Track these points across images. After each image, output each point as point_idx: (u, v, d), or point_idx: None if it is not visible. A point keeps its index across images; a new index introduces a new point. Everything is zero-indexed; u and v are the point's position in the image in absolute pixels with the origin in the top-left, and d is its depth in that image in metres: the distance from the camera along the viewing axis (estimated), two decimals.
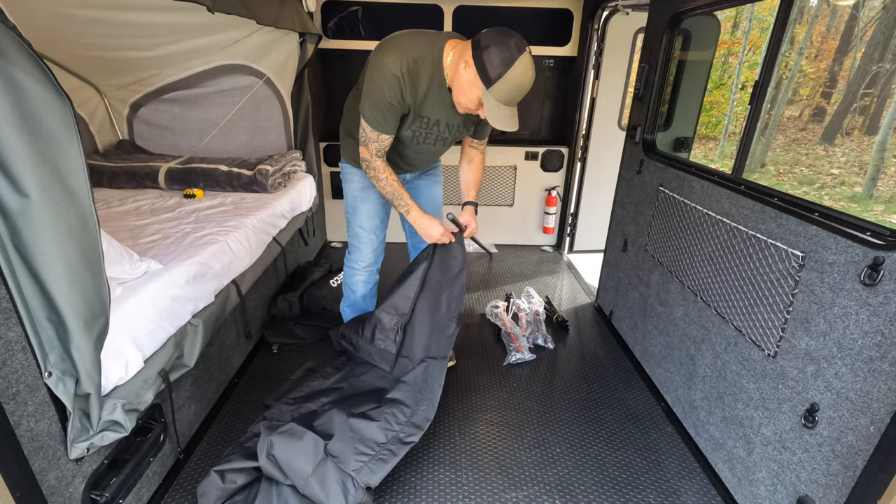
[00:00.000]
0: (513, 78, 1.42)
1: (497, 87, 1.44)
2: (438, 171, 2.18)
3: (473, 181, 1.98)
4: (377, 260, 2.15)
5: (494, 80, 1.42)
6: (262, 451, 1.54)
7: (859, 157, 9.85)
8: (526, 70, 1.43)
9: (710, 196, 1.81)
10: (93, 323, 1.12)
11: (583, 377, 2.35)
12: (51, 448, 1.13)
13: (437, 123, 1.75)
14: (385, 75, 1.56)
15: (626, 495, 1.69)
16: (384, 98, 1.59)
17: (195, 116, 3.21)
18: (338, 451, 1.60)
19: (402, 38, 1.62)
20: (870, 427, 1.13)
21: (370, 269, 2.15)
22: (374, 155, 1.73)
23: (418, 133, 1.77)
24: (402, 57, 1.55)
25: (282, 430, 1.60)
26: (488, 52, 1.41)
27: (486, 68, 1.42)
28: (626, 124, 3.11)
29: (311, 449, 1.55)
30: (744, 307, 1.60)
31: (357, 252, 2.10)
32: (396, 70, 1.55)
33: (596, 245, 3.85)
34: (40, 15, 1.97)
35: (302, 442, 1.56)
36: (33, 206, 0.94)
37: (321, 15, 3.41)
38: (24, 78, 0.89)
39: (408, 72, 1.56)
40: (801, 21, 11.42)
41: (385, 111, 1.62)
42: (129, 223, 2.19)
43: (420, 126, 1.74)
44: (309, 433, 1.59)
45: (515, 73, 1.41)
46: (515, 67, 1.41)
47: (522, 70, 1.42)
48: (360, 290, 2.19)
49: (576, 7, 3.46)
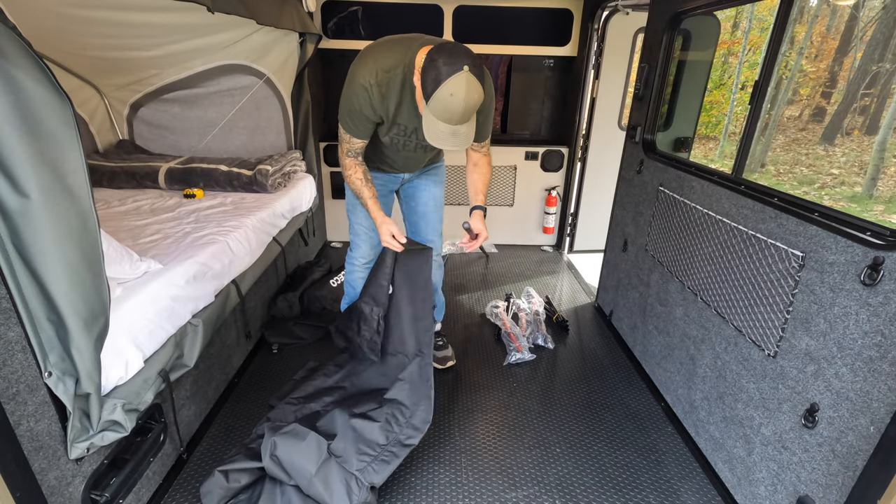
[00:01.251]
0: (441, 96, 1.39)
1: (431, 102, 1.43)
2: (440, 171, 2.19)
3: (481, 185, 1.97)
4: (377, 256, 2.17)
5: (428, 95, 1.42)
6: (265, 452, 1.55)
7: (859, 157, 9.85)
8: (457, 89, 1.37)
9: (710, 196, 1.81)
10: (93, 323, 1.12)
11: (583, 377, 2.35)
12: (51, 448, 1.13)
13: (414, 131, 1.77)
14: (354, 86, 1.62)
15: (626, 495, 1.69)
16: (354, 107, 1.65)
17: (195, 116, 3.22)
18: (341, 450, 1.60)
19: (378, 47, 1.64)
20: (870, 427, 1.13)
21: (370, 266, 2.18)
22: (345, 154, 1.80)
23: (397, 140, 1.82)
24: (373, 68, 1.59)
25: (285, 430, 1.60)
26: (429, 66, 1.41)
27: (424, 82, 1.42)
28: (626, 124, 3.11)
29: (314, 449, 1.56)
30: (744, 307, 1.60)
31: (357, 248, 2.16)
32: (365, 82, 1.59)
33: (596, 245, 3.85)
34: (40, 15, 1.97)
35: (305, 442, 1.56)
36: (33, 206, 0.94)
37: (321, 15, 3.41)
38: (24, 78, 0.89)
39: (376, 83, 1.59)
40: (801, 21, 11.42)
41: (355, 118, 1.68)
42: (129, 223, 2.19)
43: (398, 133, 1.78)
44: (312, 434, 1.60)
45: (444, 92, 1.38)
46: (447, 86, 1.37)
47: (452, 89, 1.38)
48: (360, 286, 2.21)
49: (576, 7, 3.46)
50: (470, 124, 1.52)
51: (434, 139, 1.50)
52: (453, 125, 1.46)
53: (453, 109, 1.41)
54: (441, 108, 1.42)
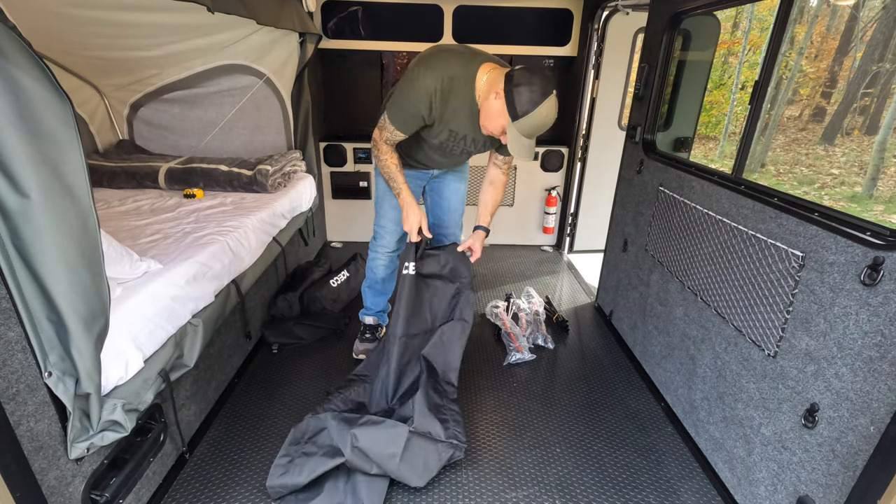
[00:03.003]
0: (537, 117, 1.55)
1: (522, 121, 1.56)
2: (465, 168, 2.33)
3: (492, 204, 2.11)
4: (400, 247, 2.31)
5: (521, 115, 1.55)
6: (346, 445, 1.59)
7: (859, 157, 9.84)
8: (549, 111, 1.55)
9: (710, 196, 1.81)
10: (93, 323, 1.12)
11: (583, 377, 2.35)
12: (51, 448, 1.13)
13: (464, 138, 1.89)
14: (418, 88, 1.70)
15: (626, 495, 1.69)
16: (410, 105, 1.74)
17: (195, 116, 3.21)
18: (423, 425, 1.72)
19: (441, 54, 1.74)
20: (870, 427, 1.13)
21: (391, 255, 2.33)
22: (383, 141, 1.87)
23: (447, 143, 1.92)
24: (439, 74, 1.68)
25: (361, 421, 1.68)
26: (519, 89, 1.53)
27: (514, 103, 1.55)
28: (626, 124, 3.11)
29: (398, 432, 1.64)
30: (744, 307, 1.60)
31: (381, 238, 2.29)
32: (431, 87, 1.69)
33: (596, 245, 3.85)
34: (40, 15, 1.97)
35: (384, 427, 1.65)
36: (33, 206, 0.94)
37: (321, 15, 3.41)
38: (24, 78, 0.89)
39: (441, 88, 1.69)
40: (801, 21, 11.42)
41: (408, 116, 1.77)
42: (129, 223, 2.19)
43: (449, 138, 1.89)
44: (388, 420, 1.69)
45: (540, 113, 1.54)
46: (541, 108, 1.53)
47: (546, 111, 1.55)
48: (381, 272, 2.36)
49: (576, 7, 3.46)
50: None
51: (517, 151, 1.63)
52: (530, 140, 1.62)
53: (541, 126, 1.58)
54: (531, 126, 1.57)
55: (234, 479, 1.70)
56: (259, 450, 1.83)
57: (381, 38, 3.54)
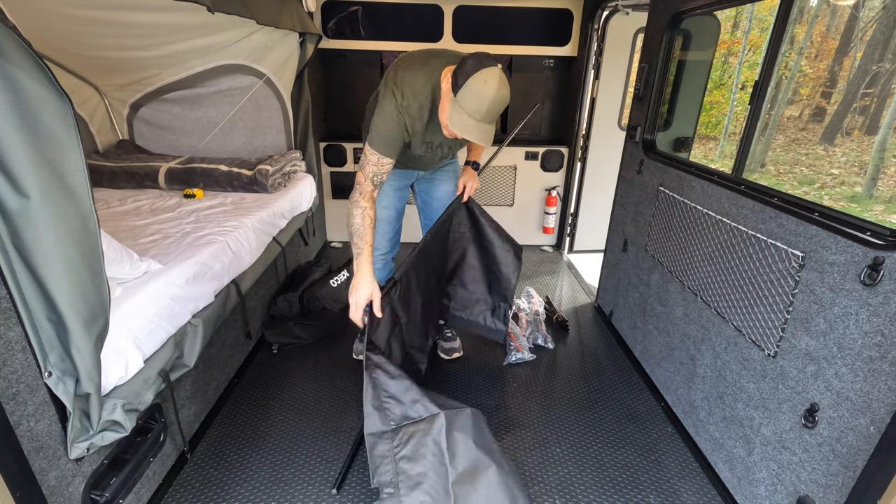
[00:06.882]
0: (474, 85, 1.45)
1: (461, 93, 1.48)
2: (454, 166, 2.28)
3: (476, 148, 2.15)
4: (393, 249, 2.27)
5: (460, 86, 1.48)
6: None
7: (859, 157, 9.84)
8: (488, 81, 1.44)
9: (710, 196, 1.81)
10: (93, 323, 1.12)
11: (583, 377, 2.35)
12: (51, 448, 1.13)
13: (440, 146, 1.88)
14: (388, 117, 1.67)
15: (626, 495, 1.69)
16: (389, 132, 1.69)
17: (195, 116, 3.21)
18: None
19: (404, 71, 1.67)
20: (870, 427, 1.13)
21: (386, 257, 2.28)
22: (369, 179, 1.71)
23: (427, 153, 1.92)
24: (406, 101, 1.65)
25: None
26: (462, 65, 1.49)
27: (456, 77, 1.50)
28: (626, 124, 3.11)
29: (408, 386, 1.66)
30: (744, 307, 1.60)
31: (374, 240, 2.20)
32: (395, 112, 1.66)
33: (596, 245, 3.85)
34: (40, 15, 1.97)
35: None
36: (33, 206, 0.94)
37: (321, 15, 3.41)
38: (23, 78, 0.89)
39: (410, 114, 1.67)
40: (801, 21, 11.42)
41: (390, 141, 1.70)
42: (129, 223, 2.19)
43: (427, 149, 1.89)
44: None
45: (477, 81, 1.45)
46: (479, 76, 1.44)
47: (485, 79, 1.44)
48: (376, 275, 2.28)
49: (576, 7, 3.46)
50: (492, 125, 1.57)
51: (461, 128, 1.52)
52: (477, 120, 1.51)
53: (484, 96, 1.45)
54: (471, 96, 1.46)
55: (234, 479, 1.70)
56: (259, 450, 1.83)
57: (381, 38, 3.55)
